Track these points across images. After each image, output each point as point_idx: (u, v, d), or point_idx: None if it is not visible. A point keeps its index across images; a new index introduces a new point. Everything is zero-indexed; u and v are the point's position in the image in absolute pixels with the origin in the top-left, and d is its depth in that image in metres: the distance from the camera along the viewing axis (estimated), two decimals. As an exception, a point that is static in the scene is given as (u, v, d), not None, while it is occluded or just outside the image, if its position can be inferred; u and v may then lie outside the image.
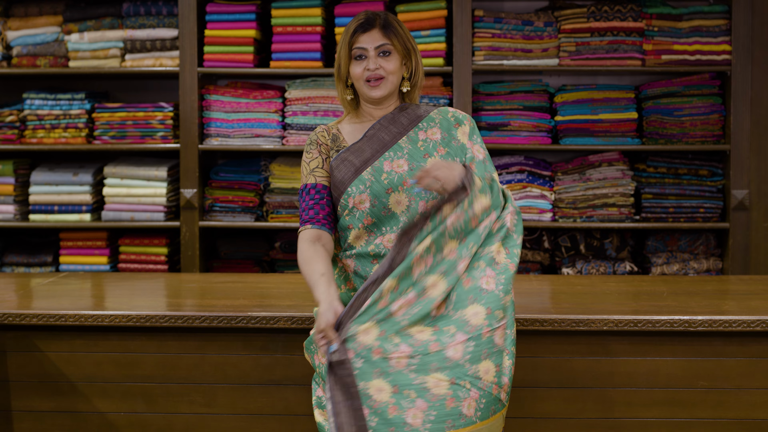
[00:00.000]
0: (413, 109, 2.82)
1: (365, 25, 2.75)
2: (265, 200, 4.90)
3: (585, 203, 4.85)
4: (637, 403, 3.09)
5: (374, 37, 2.75)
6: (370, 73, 2.74)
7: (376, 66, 2.74)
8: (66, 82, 5.19)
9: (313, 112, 4.83)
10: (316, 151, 2.80)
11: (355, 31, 2.75)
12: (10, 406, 3.20)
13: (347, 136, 2.82)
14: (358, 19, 2.78)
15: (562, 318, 3.06)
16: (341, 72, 2.79)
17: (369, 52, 2.75)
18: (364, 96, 2.79)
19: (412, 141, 2.77)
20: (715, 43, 4.79)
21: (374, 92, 2.76)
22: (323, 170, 2.79)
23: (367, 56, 2.75)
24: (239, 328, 3.12)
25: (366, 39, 2.75)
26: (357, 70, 2.75)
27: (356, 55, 2.76)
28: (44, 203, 4.95)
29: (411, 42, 2.80)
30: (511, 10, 5.03)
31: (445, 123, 2.80)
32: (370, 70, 2.74)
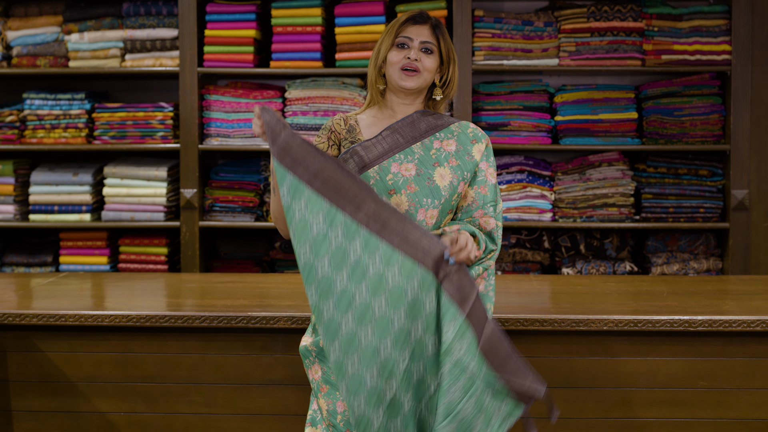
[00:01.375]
0: (435, 118, 2.81)
1: (418, 19, 2.77)
2: (265, 200, 4.90)
3: (585, 203, 4.85)
4: (637, 403, 3.09)
5: (422, 32, 2.76)
6: (408, 62, 2.73)
7: (417, 57, 2.73)
8: (66, 82, 5.19)
9: (313, 112, 4.83)
10: (326, 137, 2.79)
11: (407, 21, 2.76)
12: (10, 406, 3.20)
13: (364, 129, 2.79)
14: (411, 12, 2.80)
15: (562, 318, 3.06)
16: (378, 58, 2.77)
17: (413, 43, 2.74)
18: (394, 85, 2.76)
19: (426, 148, 2.75)
20: (715, 43, 4.79)
21: (407, 82, 2.74)
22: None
23: (410, 46, 2.74)
24: (239, 328, 3.12)
25: (414, 31, 2.75)
26: (395, 57, 2.74)
27: (399, 43, 2.75)
28: (44, 203, 4.95)
29: (453, 53, 2.81)
30: (511, 10, 5.03)
31: (462, 137, 2.79)
32: (410, 58, 2.73)
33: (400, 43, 2.75)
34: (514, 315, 3.06)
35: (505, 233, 4.92)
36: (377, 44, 2.80)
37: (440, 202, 2.70)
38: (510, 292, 3.57)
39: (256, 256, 5.03)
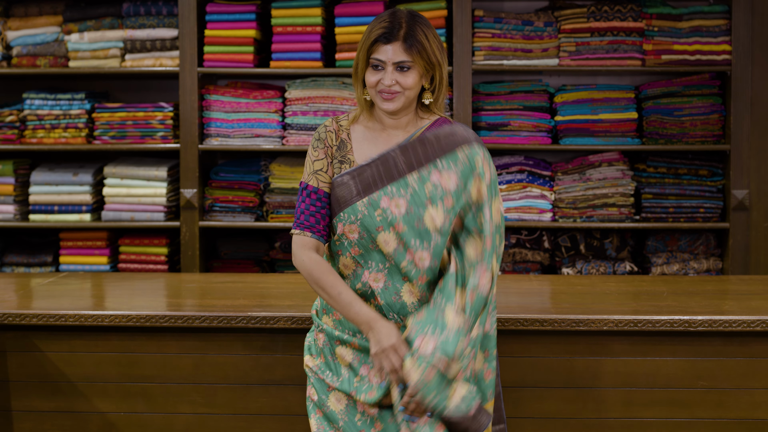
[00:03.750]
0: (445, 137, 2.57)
1: (387, 36, 2.53)
2: (265, 200, 4.90)
3: (585, 203, 4.85)
4: (637, 403, 3.09)
5: (394, 51, 2.53)
6: (384, 87, 2.54)
7: (392, 82, 2.54)
8: (66, 82, 5.19)
9: (313, 112, 4.83)
10: (323, 152, 2.63)
11: (376, 40, 2.54)
12: (10, 406, 3.20)
13: (356, 143, 2.63)
14: (380, 24, 2.55)
15: (562, 318, 3.06)
16: (358, 74, 2.60)
17: (387, 66, 2.54)
18: (377, 106, 2.61)
19: (422, 180, 2.54)
20: (715, 43, 4.79)
21: (387, 105, 2.56)
22: (326, 175, 2.61)
23: (384, 68, 2.55)
24: (239, 328, 3.12)
25: (385, 51, 2.54)
26: (372, 79, 2.56)
27: (373, 65, 2.56)
28: (44, 203, 4.95)
29: (436, 55, 2.56)
30: (511, 10, 5.03)
31: (466, 171, 2.54)
32: (385, 84, 2.54)
33: (374, 65, 2.56)
34: (514, 315, 3.06)
35: (505, 233, 4.91)
36: (355, 57, 2.60)
37: (430, 244, 2.54)
38: (510, 292, 3.57)
39: (256, 256, 5.03)
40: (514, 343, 3.08)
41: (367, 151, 2.62)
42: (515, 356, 3.09)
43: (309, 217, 2.61)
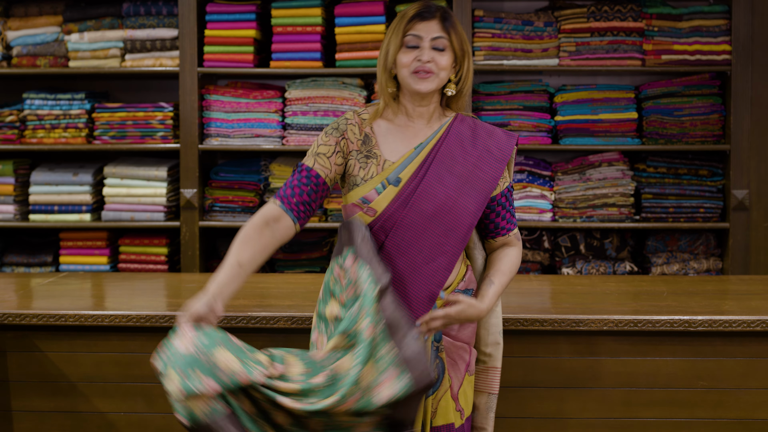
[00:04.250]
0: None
1: (425, 14, 2.55)
2: (265, 200, 4.90)
3: (585, 203, 4.85)
4: (637, 403, 3.09)
5: (432, 28, 2.55)
6: (420, 65, 2.52)
7: (429, 58, 2.53)
8: (66, 82, 5.19)
9: (313, 112, 4.83)
10: (334, 141, 2.59)
11: (414, 17, 2.54)
12: (10, 406, 3.20)
13: (380, 137, 2.61)
14: (416, 6, 2.57)
15: (562, 318, 3.06)
16: (387, 60, 2.57)
17: (424, 42, 2.54)
18: (408, 88, 2.57)
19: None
20: (715, 43, 4.79)
21: (421, 85, 2.54)
22: (328, 160, 2.59)
23: (420, 46, 2.54)
24: (239, 328, 3.12)
25: (423, 28, 2.54)
26: (406, 59, 2.54)
27: (409, 44, 2.54)
28: (44, 203, 4.95)
29: (467, 44, 2.60)
30: (511, 10, 5.03)
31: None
32: (422, 61, 2.52)
33: (410, 44, 2.54)
34: (514, 315, 3.06)
35: (505, 233, 4.91)
36: (383, 44, 2.59)
37: None
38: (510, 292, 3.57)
39: (256, 256, 5.02)
40: (514, 343, 3.08)
41: (392, 145, 2.61)
42: (515, 356, 3.09)
43: (288, 189, 2.59)
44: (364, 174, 2.59)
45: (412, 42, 2.55)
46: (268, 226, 2.57)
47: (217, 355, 2.39)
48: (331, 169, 2.60)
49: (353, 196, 2.60)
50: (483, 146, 2.62)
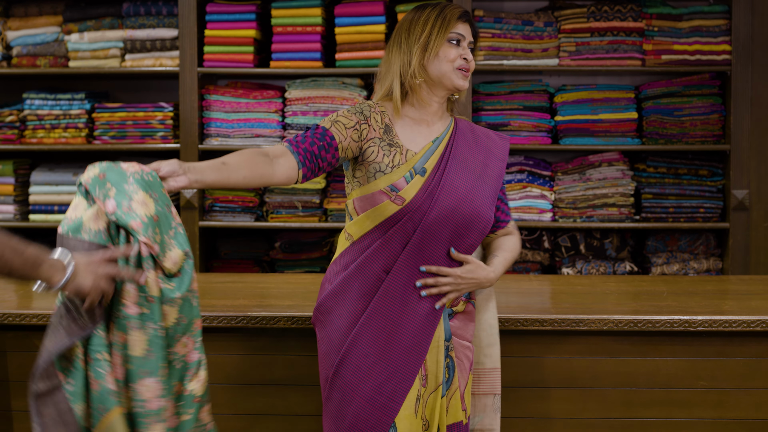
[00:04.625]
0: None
1: (466, 16, 2.65)
2: (265, 200, 4.90)
3: (585, 203, 4.85)
4: (637, 403, 3.09)
5: (469, 31, 2.66)
6: (464, 63, 2.61)
7: (471, 58, 2.64)
8: (66, 82, 5.19)
9: (313, 112, 4.83)
10: (356, 120, 2.60)
11: (460, 17, 2.63)
12: (10, 406, 3.20)
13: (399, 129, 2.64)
14: (455, 6, 2.65)
15: (562, 318, 3.06)
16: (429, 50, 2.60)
17: (464, 43, 2.64)
18: (447, 82, 2.62)
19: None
20: (715, 43, 4.79)
21: (463, 82, 2.63)
22: (346, 130, 2.58)
23: (462, 45, 2.63)
24: (239, 328, 3.12)
25: (464, 29, 2.64)
26: (452, 54, 2.60)
27: (453, 39, 2.62)
28: (44, 203, 4.95)
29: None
30: (511, 10, 5.03)
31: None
32: (467, 59, 2.62)
33: (455, 40, 2.62)
34: (514, 315, 3.06)
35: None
36: (421, 33, 2.61)
37: None
38: (510, 292, 3.57)
39: (256, 256, 5.03)
40: (514, 343, 3.08)
41: (412, 137, 2.64)
42: (515, 356, 3.09)
43: (297, 137, 2.56)
44: (389, 161, 2.60)
45: (457, 39, 2.63)
46: (268, 156, 2.49)
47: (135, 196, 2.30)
48: (346, 139, 2.58)
49: (380, 183, 2.59)
50: (485, 146, 2.70)
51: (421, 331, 2.59)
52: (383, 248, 2.57)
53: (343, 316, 2.60)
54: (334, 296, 2.63)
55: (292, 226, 4.86)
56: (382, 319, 2.57)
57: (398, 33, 2.67)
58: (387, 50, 2.70)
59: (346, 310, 2.60)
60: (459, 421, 2.68)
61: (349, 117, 2.60)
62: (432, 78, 2.63)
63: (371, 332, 2.57)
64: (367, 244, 2.60)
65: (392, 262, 2.58)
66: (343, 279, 2.61)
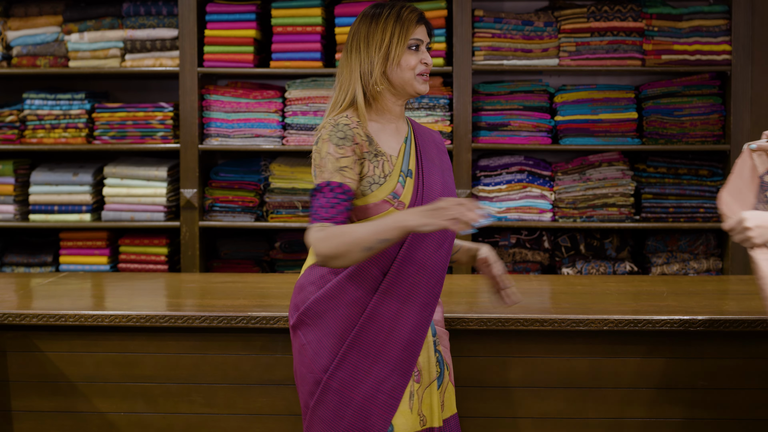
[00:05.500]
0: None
1: (422, 19, 2.64)
2: (265, 200, 4.90)
3: (585, 203, 4.85)
4: (637, 403, 3.09)
5: (425, 32, 2.65)
6: (426, 68, 2.63)
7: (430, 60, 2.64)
8: (66, 82, 5.19)
9: (313, 112, 4.83)
10: (350, 150, 2.56)
11: (417, 21, 2.62)
12: (10, 406, 3.20)
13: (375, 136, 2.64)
14: (410, 9, 2.63)
15: (562, 318, 3.06)
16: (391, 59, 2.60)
17: (423, 46, 2.64)
18: (410, 88, 2.62)
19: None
20: (715, 43, 4.79)
21: (425, 86, 2.64)
22: (353, 172, 2.55)
23: (421, 49, 2.63)
24: (239, 328, 3.12)
25: (422, 32, 2.64)
26: (413, 61, 2.60)
27: (413, 45, 2.61)
28: (44, 203, 4.95)
29: None
30: (511, 10, 5.03)
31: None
32: (427, 64, 2.62)
33: (414, 46, 2.62)
34: (514, 315, 3.06)
35: (505, 233, 4.92)
36: (381, 42, 2.60)
37: None
38: (510, 292, 3.56)
39: (256, 256, 5.03)
40: (514, 343, 3.08)
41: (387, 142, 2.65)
42: (515, 356, 3.09)
43: (329, 209, 2.51)
44: (380, 172, 2.61)
45: (415, 44, 2.63)
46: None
47: None
48: (355, 180, 2.58)
49: (380, 194, 2.59)
50: (432, 140, 2.76)
51: (417, 326, 2.60)
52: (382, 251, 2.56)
53: (338, 318, 2.59)
54: (327, 300, 2.61)
55: (292, 226, 4.86)
56: (382, 318, 2.57)
57: (356, 39, 2.64)
58: (344, 56, 2.67)
59: (342, 313, 2.59)
60: (454, 413, 2.72)
61: (345, 153, 2.56)
62: (394, 86, 2.64)
63: (371, 332, 2.58)
64: None
65: (389, 263, 2.59)
66: (338, 282, 2.60)
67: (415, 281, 2.60)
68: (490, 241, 4.87)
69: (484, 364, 3.08)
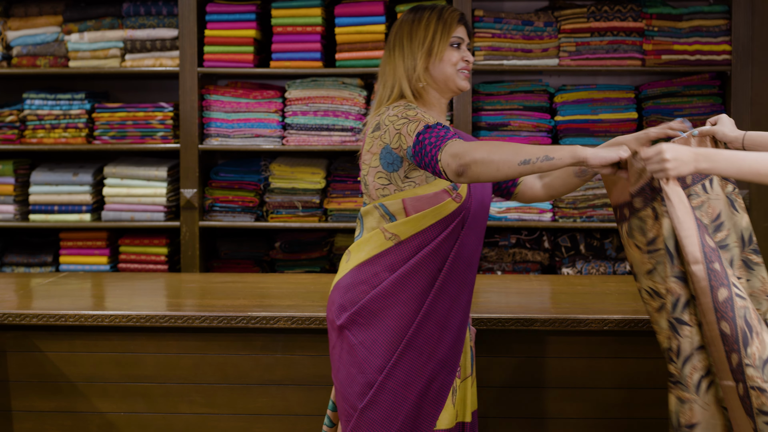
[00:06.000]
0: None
1: (463, 18, 2.71)
2: (265, 200, 4.90)
3: (585, 203, 4.85)
4: (637, 403, 3.09)
5: (465, 32, 2.73)
6: (467, 65, 2.69)
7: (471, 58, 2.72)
8: (66, 82, 5.19)
9: (313, 112, 4.83)
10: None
11: (458, 20, 2.70)
12: (10, 406, 3.20)
13: None
14: (452, 9, 2.71)
15: (562, 318, 3.06)
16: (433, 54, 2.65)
17: (464, 45, 2.71)
18: (452, 84, 2.68)
19: None
20: (715, 43, 4.79)
21: (466, 83, 2.70)
22: None
23: (462, 47, 2.70)
24: (239, 328, 3.13)
25: (462, 31, 2.71)
26: (454, 57, 2.67)
27: (455, 43, 2.68)
28: (44, 203, 4.95)
29: None
30: (511, 10, 5.04)
31: None
32: (468, 61, 2.69)
33: (456, 43, 2.69)
34: (514, 315, 3.06)
35: (505, 233, 4.92)
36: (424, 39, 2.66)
37: None
38: (510, 292, 3.57)
39: (256, 256, 5.03)
40: (514, 343, 3.08)
41: None
42: (515, 356, 3.09)
43: (452, 133, 2.52)
44: None
45: (457, 42, 2.69)
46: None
47: None
48: None
49: (442, 182, 2.60)
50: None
51: (463, 323, 2.66)
52: (440, 246, 2.59)
53: (396, 316, 2.57)
54: (384, 297, 2.58)
55: (292, 226, 4.86)
56: (437, 315, 2.59)
57: (398, 37, 2.70)
58: (387, 54, 2.72)
59: (400, 311, 2.57)
60: (476, 408, 2.77)
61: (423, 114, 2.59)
62: (436, 81, 2.69)
63: (427, 330, 2.58)
64: (419, 243, 2.59)
65: (444, 259, 2.60)
66: (396, 279, 2.58)
67: (464, 278, 2.64)
68: (490, 240, 4.87)
69: (484, 364, 3.08)
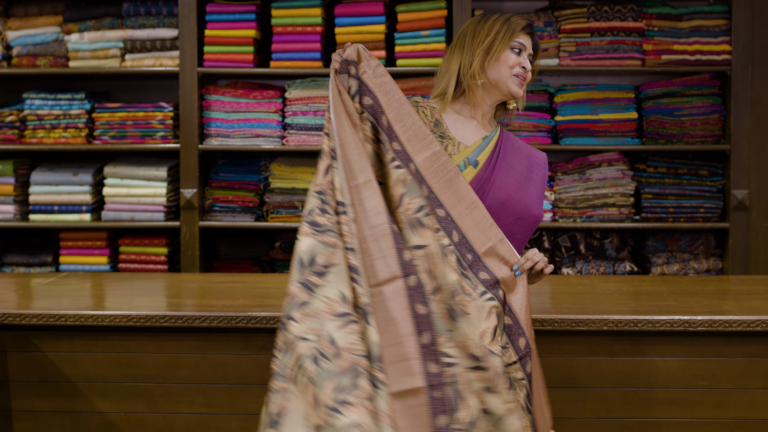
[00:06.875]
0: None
1: (529, 28, 2.76)
2: (265, 200, 4.90)
3: (585, 203, 4.85)
4: (637, 403, 3.09)
5: (530, 43, 2.76)
6: (523, 71, 2.72)
7: (530, 66, 2.75)
8: (66, 82, 5.19)
9: (313, 112, 4.83)
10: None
11: (524, 28, 2.74)
12: (10, 406, 3.20)
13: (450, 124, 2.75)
14: (521, 17, 2.76)
15: (562, 318, 3.06)
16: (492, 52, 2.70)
17: (524, 53, 2.74)
18: (503, 87, 2.73)
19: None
20: (715, 43, 4.79)
21: (518, 88, 2.73)
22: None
23: (523, 54, 2.74)
24: (239, 328, 3.12)
25: (527, 40, 2.75)
26: (513, 60, 2.71)
27: (515, 47, 2.72)
28: (44, 203, 4.95)
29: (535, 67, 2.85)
30: (511, 10, 5.03)
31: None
32: (525, 68, 2.72)
33: (517, 48, 2.72)
34: (514, 315, 3.06)
35: (505, 233, 4.91)
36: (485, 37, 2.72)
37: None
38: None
39: (256, 256, 5.03)
40: (514, 343, 3.08)
41: (462, 132, 2.74)
42: (515, 356, 3.09)
43: None
44: None
45: (518, 47, 2.72)
46: None
47: None
48: None
49: None
50: (527, 153, 2.80)
51: None
52: None
53: None
54: None
55: (292, 226, 4.86)
56: None
57: (462, 35, 2.78)
58: (448, 51, 2.80)
59: None
60: None
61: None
62: (490, 81, 2.73)
63: None
64: None
65: None
66: None
67: None
68: (490, 241, 4.87)
69: (484, 364, 3.08)
